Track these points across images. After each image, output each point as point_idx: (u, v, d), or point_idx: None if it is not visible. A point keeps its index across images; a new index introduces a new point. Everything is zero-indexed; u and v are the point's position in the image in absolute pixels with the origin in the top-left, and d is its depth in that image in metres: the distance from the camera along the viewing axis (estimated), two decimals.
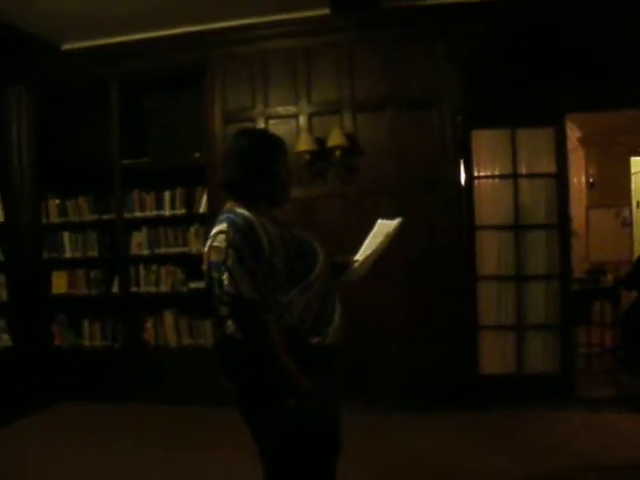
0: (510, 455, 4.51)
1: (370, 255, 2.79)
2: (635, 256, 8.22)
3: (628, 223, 9.74)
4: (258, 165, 2.51)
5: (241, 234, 2.33)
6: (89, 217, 6.60)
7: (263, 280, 2.33)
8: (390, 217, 2.89)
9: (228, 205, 2.52)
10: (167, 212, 6.32)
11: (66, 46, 6.46)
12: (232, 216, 2.40)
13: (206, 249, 2.45)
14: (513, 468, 4.28)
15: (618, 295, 7.77)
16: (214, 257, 2.37)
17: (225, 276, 2.30)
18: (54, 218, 6.68)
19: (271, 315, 2.33)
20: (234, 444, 4.02)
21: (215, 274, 2.36)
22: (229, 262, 2.30)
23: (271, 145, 2.60)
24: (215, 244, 2.37)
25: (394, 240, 2.82)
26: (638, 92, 5.51)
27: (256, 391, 2.42)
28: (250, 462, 2.69)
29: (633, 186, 9.83)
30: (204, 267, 2.48)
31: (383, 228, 2.86)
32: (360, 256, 2.81)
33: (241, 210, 2.42)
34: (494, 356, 5.85)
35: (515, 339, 5.86)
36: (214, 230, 2.42)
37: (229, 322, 2.39)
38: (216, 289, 2.37)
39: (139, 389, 6.23)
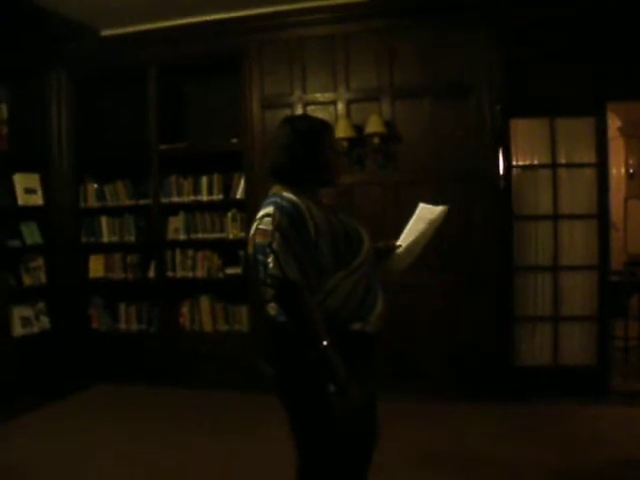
0: (545, 447, 4.49)
1: (414, 243, 2.77)
2: None
3: None
4: (304, 152, 2.52)
5: (288, 217, 2.33)
6: (126, 202, 6.65)
7: (308, 263, 2.33)
8: (432, 204, 2.87)
9: (275, 189, 2.52)
10: (204, 197, 6.34)
11: (105, 32, 6.48)
12: (279, 200, 2.40)
13: (252, 232, 2.45)
14: (547, 460, 4.26)
15: None
16: (260, 240, 2.38)
17: (270, 259, 2.31)
18: (92, 202, 6.74)
19: (315, 299, 2.34)
20: (269, 430, 4.08)
21: (260, 257, 2.36)
22: (275, 245, 2.30)
23: (316, 131, 2.59)
24: (261, 227, 2.38)
25: (438, 229, 2.80)
26: None
27: (296, 376, 2.42)
28: (285, 449, 2.69)
29: None
30: (249, 249, 2.48)
31: (425, 213, 2.82)
32: (402, 241, 2.78)
33: (288, 194, 2.43)
34: (530, 347, 5.81)
35: (552, 330, 5.80)
36: (260, 213, 2.42)
37: (272, 305, 2.40)
38: (261, 272, 2.37)
39: (174, 373, 6.29)
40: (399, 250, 2.77)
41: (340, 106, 5.92)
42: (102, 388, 6.29)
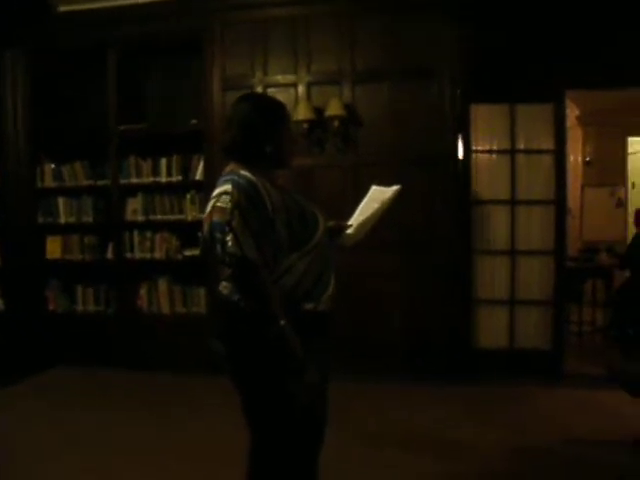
0: (498, 428, 4.56)
1: (365, 221, 2.77)
2: (629, 236, 8.25)
3: (622, 203, 9.77)
4: (262, 129, 2.50)
5: (246, 195, 2.31)
6: (84, 182, 6.57)
7: (266, 242, 2.32)
8: (387, 186, 2.88)
9: (230, 167, 2.49)
10: (163, 179, 6.30)
11: (63, 8, 6.35)
12: (236, 178, 2.37)
13: (208, 209, 2.42)
14: (501, 440, 4.32)
15: (611, 274, 7.81)
16: (217, 217, 2.34)
17: (229, 237, 2.28)
18: (49, 183, 6.65)
19: (271, 278, 2.34)
20: (223, 411, 4.07)
21: (218, 235, 2.33)
22: (234, 223, 2.28)
23: (275, 109, 2.58)
24: (219, 204, 2.35)
25: (391, 208, 2.81)
26: (637, 71, 5.49)
27: (249, 355, 2.41)
28: (237, 430, 2.69)
29: (629, 166, 9.85)
30: (205, 227, 2.45)
31: (377, 194, 2.84)
32: (353, 221, 2.79)
33: (244, 172, 2.40)
34: (487, 330, 5.89)
35: (508, 314, 5.89)
36: (217, 191, 2.39)
37: (224, 284, 2.38)
38: (218, 250, 2.35)
39: (131, 355, 6.25)
40: (349, 230, 2.77)
41: (301, 88, 5.91)
42: (59, 371, 6.22)
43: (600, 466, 3.91)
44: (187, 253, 6.24)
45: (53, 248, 6.67)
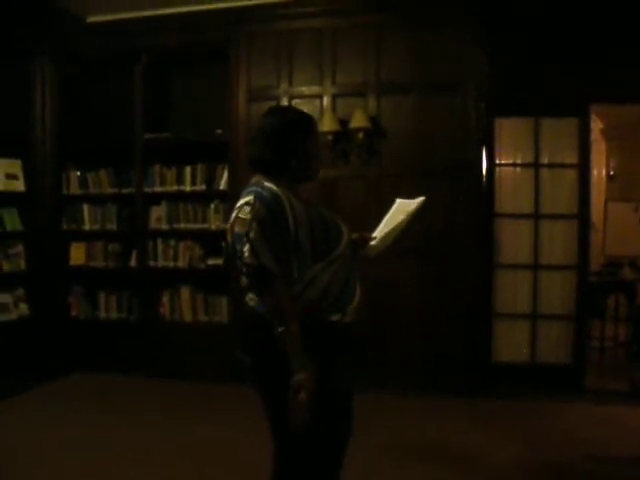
0: (517, 442, 4.54)
1: (389, 233, 2.78)
2: None
3: None
4: (288, 142, 2.52)
5: (266, 207, 2.33)
6: (109, 190, 6.62)
7: (286, 254, 2.34)
8: (411, 198, 2.89)
9: (255, 178, 2.52)
10: (187, 188, 6.34)
11: (91, 19, 6.44)
12: (259, 189, 2.40)
13: (231, 220, 2.45)
14: (518, 455, 4.31)
15: (634, 290, 7.75)
16: (238, 228, 2.37)
17: (246, 247, 2.30)
18: (74, 189, 6.71)
19: (293, 289, 2.35)
20: (245, 421, 4.10)
21: (238, 246, 2.36)
22: (251, 234, 2.30)
23: (302, 122, 2.60)
24: (240, 215, 2.37)
25: (415, 220, 2.82)
26: None
27: (272, 366, 2.42)
28: (262, 439, 2.71)
29: None
30: (228, 238, 2.48)
31: (403, 206, 2.84)
32: (378, 233, 2.80)
33: (269, 184, 2.42)
34: (508, 344, 5.87)
35: (529, 328, 5.87)
36: (240, 202, 2.42)
37: (250, 296, 2.40)
38: (238, 261, 2.38)
39: (152, 362, 6.28)
40: (373, 242, 2.78)
41: (326, 100, 5.93)
42: (80, 376, 6.28)
43: None
44: (210, 262, 6.27)
45: (77, 254, 6.72)
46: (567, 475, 4.04)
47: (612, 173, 9.97)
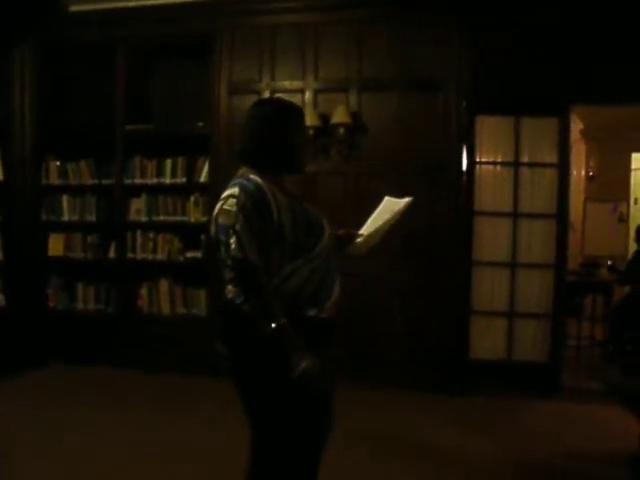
0: (490, 439, 4.59)
1: (376, 231, 2.79)
2: (629, 251, 8.26)
3: (624, 219, 9.78)
4: (275, 135, 2.52)
5: (252, 200, 2.34)
6: (89, 181, 6.58)
7: (269, 247, 2.35)
8: (393, 196, 2.90)
9: (241, 171, 2.52)
10: (168, 180, 6.32)
11: (74, 7, 6.38)
12: (245, 182, 2.40)
13: (215, 212, 2.45)
14: (491, 452, 4.35)
15: (611, 289, 7.82)
16: (222, 220, 2.37)
17: (233, 240, 2.31)
18: (54, 180, 6.67)
19: (274, 282, 2.36)
20: (219, 412, 4.10)
21: (222, 237, 2.36)
22: (238, 226, 2.30)
23: (289, 114, 2.60)
24: (225, 207, 2.38)
25: (401, 219, 2.83)
26: None
27: (250, 357, 2.42)
28: (238, 432, 2.71)
29: (632, 182, 9.85)
30: (211, 229, 2.48)
31: (391, 205, 2.85)
32: (364, 230, 2.81)
33: (254, 177, 2.43)
34: (484, 341, 5.89)
35: (506, 326, 5.89)
36: (225, 193, 2.43)
37: (229, 287, 2.40)
38: (222, 252, 2.38)
39: (129, 354, 6.25)
40: (359, 239, 2.79)
41: (307, 95, 5.93)
42: (57, 367, 6.25)
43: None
44: (189, 255, 6.26)
45: (55, 245, 6.68)
46: (541, 472, 4.07)
47: (591, 174, 10.06)
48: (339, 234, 2.72)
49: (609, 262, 7.94)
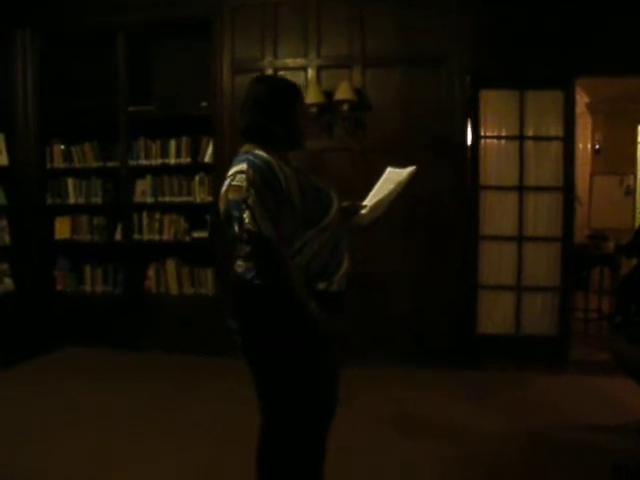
0: (500, 412, 4.60)
1: (379, 202, 2.78)
2: (636, 224, 8.24)
3: (631, 191, 9.75)
4: (277, 109, 2.53)
5: (261, 174, 2.35)
6: (94, 164, 6.57)
7: (281, 219, 2.35)
8: (400, 167, 2.89)
9: (245, 147, 2.53)
10: (172, 160, 6.31)
11: None
12: (251, 157, 2.41)
13: (224, 188, 2.46)
14: (501, 424, 4.36)
15: (618, 262, 7.81)
16: (233, 195, 2.38)
17: (246, 214, 2.32)
18: (59, 163, 6.66)
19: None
20: (228, 391, 4.11)
21: (235, 212, 2.37)
22: (250, 200, 2.31)
23: (289, 90, 2.61)
24: (235, 183, 2.38)
25: (405, 189, 2.82)
26: None
27: (261, 331, 2.44)
28: (248, 409, 2.72)
29: (639, 155, 9.81)
30: (221, 206, 2.49)
31: (393, 176, 2.84)
32: (368, 201, 2.81)
33: (259, 152, 2.44)
34: (492, 315, 5.91)
35: (514, 300, 5.90)
36: (233, 170, 2.43)
37: (240, 262, 2.42)
38: (235, 228, 2.39)
39: (138, 336, 6.29)
40: (364, 210, 2.79)
41: (310, 72, 5.90)
42: (67, 350, 6.28)
43: (600, 452, 3.92)
44: (195, 235, 6.26)
45: (62, 228, 6.69)
46: (550, 444, 4.07)
47: (597, 147, 10.01)
48: (344, 206, 2.72)
49: (617, 243, 7.94)
